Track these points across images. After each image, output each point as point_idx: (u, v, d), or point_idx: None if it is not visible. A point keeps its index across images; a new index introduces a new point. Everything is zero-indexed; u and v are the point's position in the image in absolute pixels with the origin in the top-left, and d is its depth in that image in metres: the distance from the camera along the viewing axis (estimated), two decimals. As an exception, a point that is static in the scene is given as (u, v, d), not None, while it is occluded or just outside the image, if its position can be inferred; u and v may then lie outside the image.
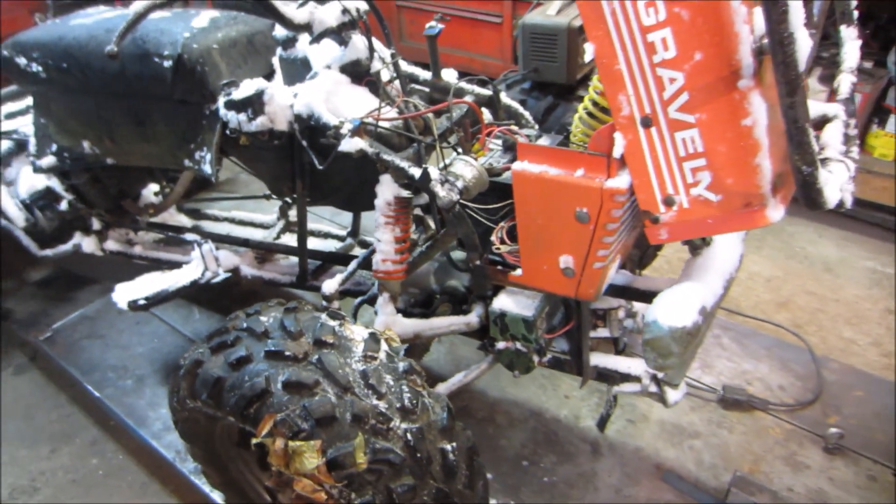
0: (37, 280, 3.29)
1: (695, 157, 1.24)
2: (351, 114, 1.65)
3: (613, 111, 1.27)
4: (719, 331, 2.68)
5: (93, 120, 2.18)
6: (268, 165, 2.02)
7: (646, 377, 1.78)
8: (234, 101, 1.77)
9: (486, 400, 2.42)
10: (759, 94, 1.15)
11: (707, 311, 1.43)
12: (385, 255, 1.73)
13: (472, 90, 1.93)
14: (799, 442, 2.22)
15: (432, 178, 1.52)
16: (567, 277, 1.51)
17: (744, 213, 1.27)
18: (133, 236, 2.79)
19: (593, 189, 1.34)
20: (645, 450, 2.21)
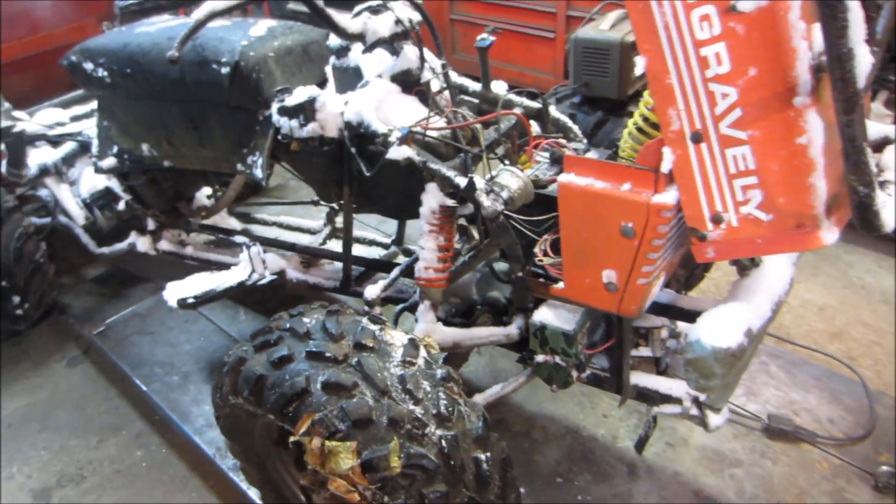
0: (93, 277, 3.41)
1: (746, 174, 1.22)
2: (400, 122, 1.67)
3: (663, 126, 1.26)
4: (767, 358, 2.60)
5: (152, 124, 2.27)
6: (317, 171, 2.06)
7: (687, 399, 1.74)
8: (287, 107, 1.81)
9: (522, 414, 2.40)
10: (816, 112, 1.13)
11: (753, 333, 1.39)
12: (428, 263, 1.74)
13: (521, 102, 1.94)
14: (847, 478, 2.13)
15: (478, 188, 1.53)
16: (609, 292, 1.49)
17: (795, 234, 1.24)
18: (185, 237, 2.87)
19: (639, 204, 1.32)
20: (684, 475, 2.16)
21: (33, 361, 2.91)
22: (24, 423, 2.59)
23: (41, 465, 2.41)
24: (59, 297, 3.18)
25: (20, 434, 2.55)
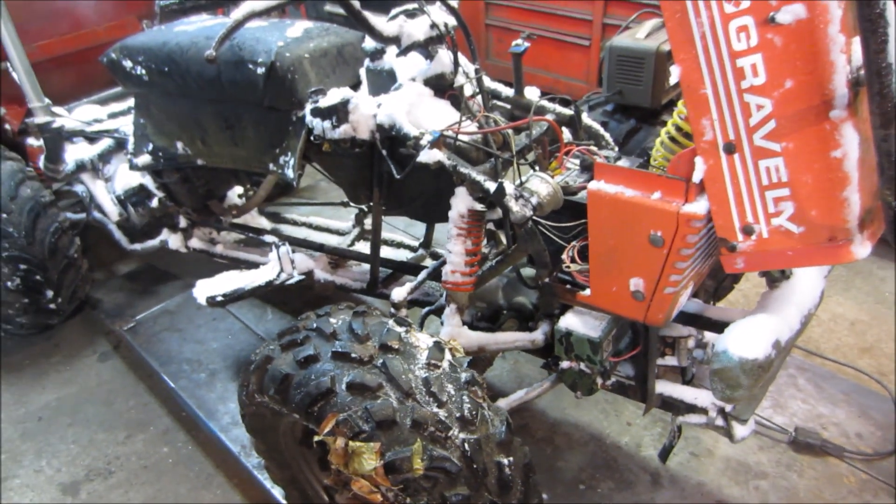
0: (124, 273, 3.48)
1: (778, 186, 1.21)
2: (432, 126, 1.69)
3: (696, 135, 1.26)
4: (795, 371, 2.56)
5: (187, 122, 2.31)
6: (347, 173, 2.09)
7: (713, 409, 1.73)
8: (321, 108, 1.84)
9: (546, 420, 2.40)
10: (852, 125, 1.12)
11: (781, 345, 1.38)
12: (455, 267, 1.76)
13: (554, 109, 1.95)
14: (874, 493, 2.10)
15: (507, 193, 1.54)
16: (636, 301, 1.49)
17: (827, 248, 1.23)
18: (216, 236, 2.92)
19: (669, 213, 1.32)
20: (707, 485, 2.14)
21: (64, 356, 2.97)
22: (55, 417, 2.65)
23: (70, 458, 2.47)
24: (92, 293, 3.24)
25: (51, 427, 2.61)
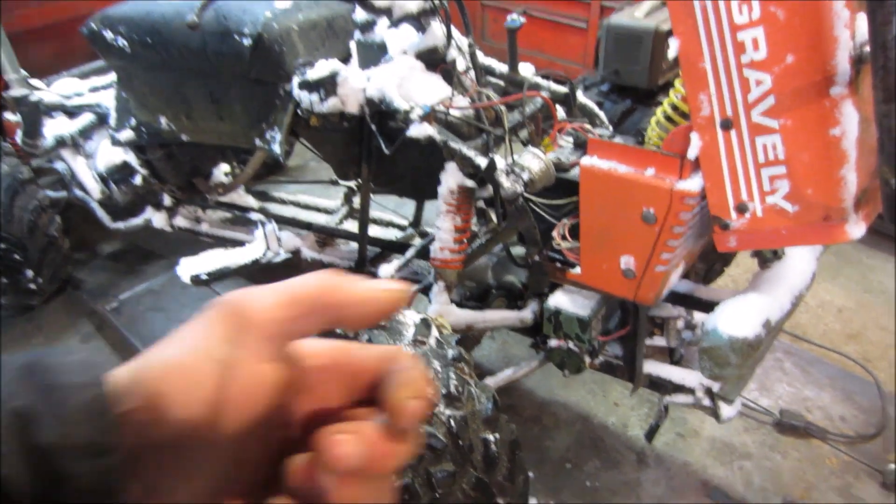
0: (107, 253, 3.42)
1: (774, 163, 1.20)
2: (423, 100, 1.66)
3: (693, 111, 1.25)
4: (782, 355, 2.58)
5: (171, 96, 2.26)
6: (335, 148, 2.05)
7: (700, 390, 1.73)
8: (308, 81, 1.80)
9: (534, 400, 2.40)
10: (852, 104, 1.11)
11: (771, 325, 1.38)
12: (444, 244, 1.74)
13: (548, 86, 1.92)
14: (855, 475, 2.12)
15: (498, 168, 1.51)
16: (627, 279, 1.48)
17: (821, 227, 1.22)
18: (201, 214, 2.87)
19: (663, 189, 1.31)
20: (693, 465, 2.15)
21: (46, 337, 2.91)
22: (38, 399, 2.60)
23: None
24: (74, 273, 3.18)
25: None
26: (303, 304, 0.40)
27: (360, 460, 0.39)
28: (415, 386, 0.41)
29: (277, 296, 0.40)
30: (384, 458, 0.40)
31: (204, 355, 0.38)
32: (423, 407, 0.41)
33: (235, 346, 0.38)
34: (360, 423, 0.41)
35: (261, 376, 0.39)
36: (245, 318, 0.39)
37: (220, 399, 0.37)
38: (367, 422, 0.42)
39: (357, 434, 0.39)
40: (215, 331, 0.39)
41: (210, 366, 0.37)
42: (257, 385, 0.38)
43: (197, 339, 0.39)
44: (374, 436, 0.40)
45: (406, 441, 0.41)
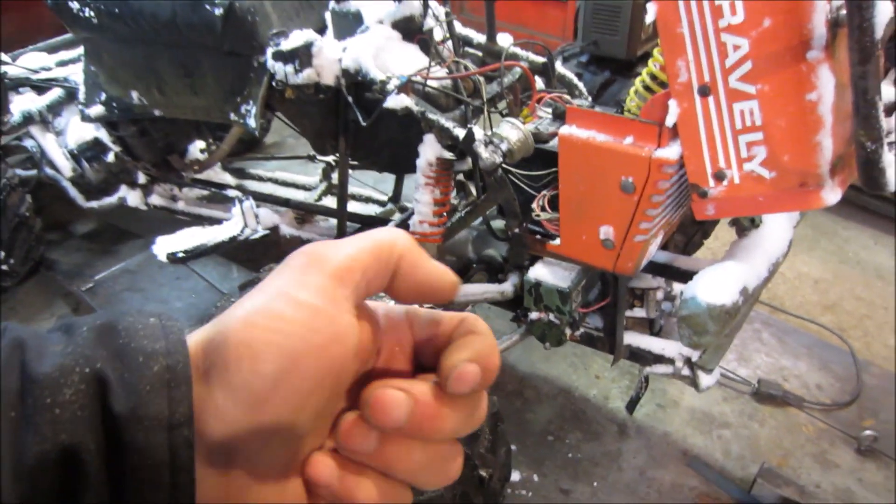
0: (81, 233, 3.37)
1: (752, 130, 1.20)
2: (399, 71, 1.63)
3: (670, 77, 1.23)
4: (760, 325, 2.61)
5: (142, 69, 2.20)
6: (312, 121, 2.02)
7: (679, 360, 1.75)
8: (282, 51, 1.76)
9: (515, 374, 2.41)
10: (829, 68, 1.10)
11: (749, 292, 1.39)
12: (423, 217, 1.72)
13: (527, 56, 1.90)
14: (831, 441, 2.16)
15: (476, 139, 1.50)
16: (606, 249, 1.48)
17: (798, 193, 1.22)
18: (177, 192, 2.82)
19: (641, 158, 1.30)
20: (673, 435, 2.18)
21: (21, 319, 2.86)
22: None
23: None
24: (47, 253, 3.13)
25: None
26: (381, 259, 0.39)
27: (405, 417, 0.37)
28: (474, 350, 0.39)
29: (359, 247, 0.38)
30: (433, 419, 0.38)
31: (290, 301, 0.36)
32: (478, 374, 0.38)
33: (321, 294, 0.36)
34: (411, 382, 0.39)
35: (344, 327, 0.37)
36: (328, 267, 0.37)
37: (306, 349, 0.35)
38: (418, 381, 0.40)
39: (405, 391, 0.38)
40: (299, 278, 0.37)
41: (297, 312, 0.36)
42: (340, 336, 0.37)
43: (281, 286, 0.37)
44: (424, 396, 0.38)
45: (461, 408, 0.39)
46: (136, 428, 0.32)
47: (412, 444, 0.39)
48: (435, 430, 0.38)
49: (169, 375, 0.33)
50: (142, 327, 0.35)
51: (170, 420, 0.32)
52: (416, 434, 0.38)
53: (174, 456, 0.32)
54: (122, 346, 0.33)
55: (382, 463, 0.39)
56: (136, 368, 0.33)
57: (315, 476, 0.38)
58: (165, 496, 0.32)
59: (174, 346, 0.34)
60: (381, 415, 0.37)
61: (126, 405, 0.32)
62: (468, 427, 0.40)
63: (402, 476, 0.40)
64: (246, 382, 0.35)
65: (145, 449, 0.32)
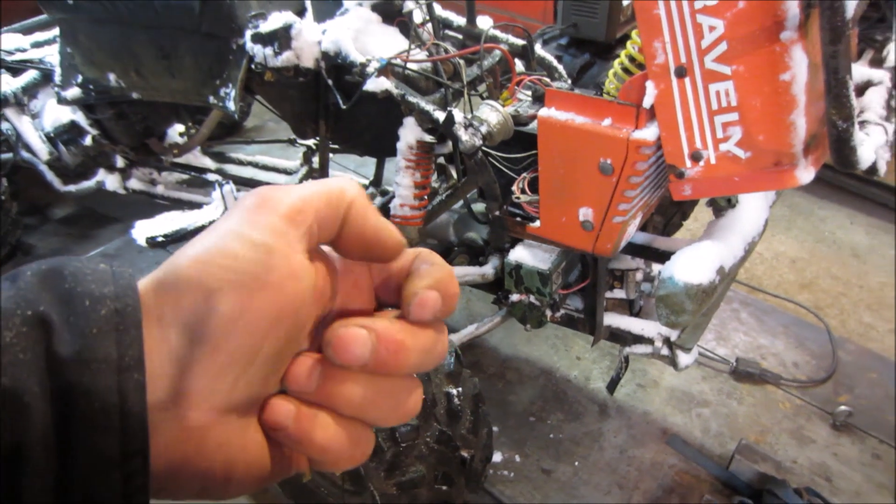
0: (59, 217, 3.33)
1: (727, 110, 1.21)
2: (379, 53, 1.62)
3: (647, 59, 1.24)
4: (738, 305, 2.65)
5: (119, 51, 2.17)
6: (292, 104, 2.00)
7: (658, 339, 1.77)
8: (261, 33, 1.75)
9: (497, 356, 2.43)
10: (802, 48, 1.11)
11: (725, 271, 1.40)
12: (403, 200, 1.72)
13: (507, 39, 1.89)
14: (807, 417, 2.21)
15: (456, 122, 1.50)
16: (585, 231, 1.49)
17: (772, 173, 1.23)
18: (156, 176, 2.79)
19: (619, 139, 1.31)
20: (653, 414, 2.21)
21: None
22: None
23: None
24: (24, 238, 3.09)
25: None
26: (332, 204, 0.39)
27: (369, 353, 0.37)
28: (433, 278, 0.40)
29: (311, 191, 0.38)
30: (396, 353, 0.38)
31: (243, 240, 0.36)
32: (439, 299, 0.39)
33: (274, 233, 0.36)
34: (372, 319, 0.39)
35: (298, 266, 0.37)
36: (280, 207, 0.37)
37: (260, 286, 0.35)
38: (379, 318, 0.40)
39: (366, 328, 0.38)
40: (251, 218, 0.37)
41: (249, 250, 0.35)
42: (295, 274, 0.37)
43: (233, 225, 0.36)
44: (386, 330, 0.38)
45: (423, 340, 0.39)
46: (83, 371, 0.31)
47: (370, 381, 0.39)
48: (399, 363, 0.38)
49: (118, 319, 0.32)
50: (90, 272, 0.34)
51: (119, 363, 0.31)
52: (381, 369, 0.38)
53: (124, 399, 0.31)
54: (68, 290, 0.32)
55: (339, 402, 0.38)
56: (82, 312, 0.32)
57: (270, 419, 0.38)
58: (116, 441, 0.31)
59: (123, 290, 0.33)
60: (344, 353, 0.37)
61: (71, 348, 0.31)
62: (431, 360, 0.40)
63: (359, 414, 0.39)
64: (201, 320, 0.34)
65: (93, 392, 0.31)
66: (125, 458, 0.32)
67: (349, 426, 0.39)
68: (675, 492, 1.97)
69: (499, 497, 1.95)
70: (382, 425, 0.41)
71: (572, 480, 2.00)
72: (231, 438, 0.36)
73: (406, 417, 0.41)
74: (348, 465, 0.40)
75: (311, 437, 0.38)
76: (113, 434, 0.31)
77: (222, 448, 0.36)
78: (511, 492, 1.97)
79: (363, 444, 0.40)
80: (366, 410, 0.39)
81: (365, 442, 0.40)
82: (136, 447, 0.32)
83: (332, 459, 0.39)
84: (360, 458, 0.40)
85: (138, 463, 0.32)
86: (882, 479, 2.02)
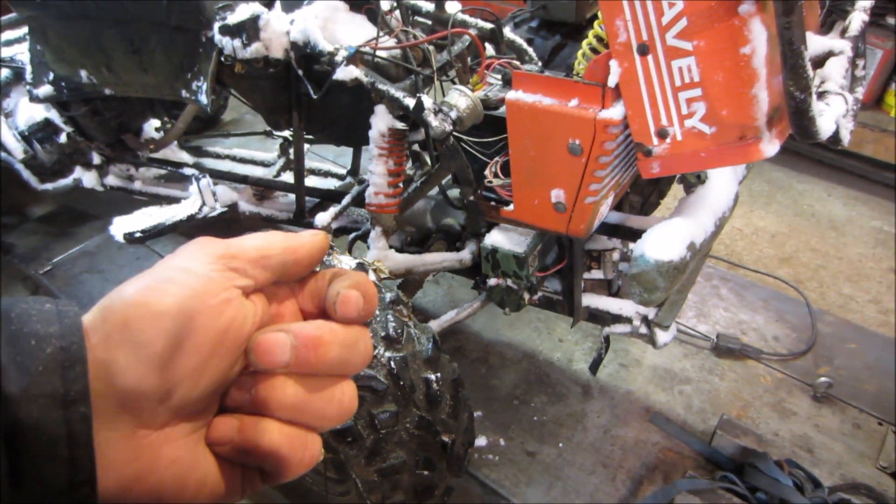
0: (37, 215, 3.30)
1: (690, 86, 1.21)
2: (348, 42, 1.62)
3: (610, 38, 1.24)
4: (718, 281, 2.67)
5: (90, 47, 2.15)
6: (263, 96, 1.99)
7: (637, 318, 1.78)
8: (229, 25, 1.73)
9: (480, 341, 2.44)
10: (760, 21, 1.12)
11: (696, 247, 1.41)
12: (378, 189, 1.72)
13: (476, 23, 1.89)
14: (788, 390, 2.23)
15: (426, 108, 1.49)
16: (558, 212, 1.49)
17: (738, 147, 1.24)
18: (134, 172, 2.78)
19: (586, 119, 1.31)
20: (635, 393, 2.23)
21: (-20, 303, 2.82)
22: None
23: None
24: (3, 237, 3.07)
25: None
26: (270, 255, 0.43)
27: (290, 353, 0.39)
28: (352, 280, 0.43)
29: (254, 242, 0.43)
30: (317, 347, 0.40)
31: (186, 271, 0.39)
32: (360, 298, 0.42)
33: (213, 266, 0.40)
34: (289, 323, 0.42)
35: (237, 295, 0.40)
36: (217, 249, 0.41)
37: (202, 308, 0.38)
38: (298, 322, 0.43)
39: (283, 330, 0.40)
40: (190, 255, 0.40)
41: (189, 278, 0.38)
42: (233, 301, 0.40)
43: (175, 262, 0.40)
44: (303, 329, 0.41)
45: (343, 336, 0.42)
46: (30, 406, 0.32)
47: (299, 382, 0.41)
48: (320, 358, 0.40)
49: (63, 356, 0.34)
50: (35, 313, 0.35)
51: (64, 397, 0.33)
52: (305, 367, 0.40)
53: (71, 431, 0.33)
54: (14, 332, 0.34)
55: (275, 407, 0.40)
56: (28, 351, 0.33)
57: (216, 436, 0.40)
58: (64, 471, 0.33)
59: (68, 329, 0.35)
60: (265, 356, 0.39)
61: (18, 385, 0.32)
62: (356, 356, 0.42)
63: (297, 416, 0.41)
64: (148, 340, 0.36)
65: (41, 425, 0.32)
66: (73, 488, 0.33)
67: (292, 430, 0.41)
68: (659, 469, 1.99)
69: (484, 481, 1.96)
70: (324, 425, 0.43)
71: (557, 462, 2.02)
72: (182, 456, 0.38)
73: (344, 414, 0.43)
74: (299, 469, 0.42)
75: (258, 444, 0.40)
76: (61, 465, 0.33)
77: (173, 465, 0.38)
78: (496, 475, 1.98)
79: (310, 446, 0.42)
80: (302, 411, 0.41)
81: (311, 444, 0.42)
82: (84, 477, 0.33)
83: (282, 465, 0.41)
84: (309, 460, 0.42)
85: (86, 491, 0.33)
86: (863, 448, 2.05)
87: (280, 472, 0.42)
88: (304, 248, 0.44)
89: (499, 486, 1.94)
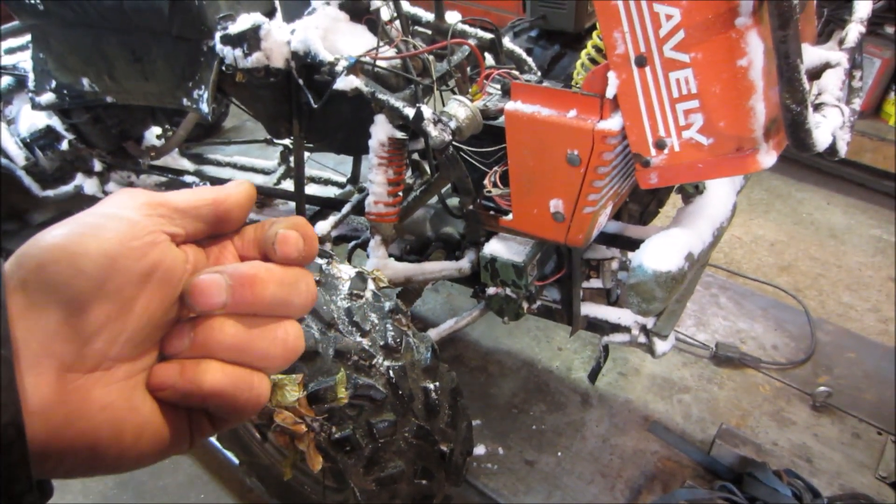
0: (39, 222, 3.29)
1: (688, 98, 1.22)
2: (348, 52, 1.63)
3: (608, 49, 1.25)
4: (717, 290, 2.67)
5: (91, 56, 2.16)
6: (264, 105, 2.00)
7: (635, 327, 1.79)
8: (230, 35, 1.74)
9: (479, 350, 2.44)
10: (757, 33, 1.12)
11: (694, 257, 1.42)
12: (377, 198, 1.73)
13: (475, 33, 1.90)
14: (787, 399, 2.23)
15: (425, 118, 1.50)
16: (557, 222, 1.50)
17: (735, 158, 1.25)
18: (135, 179, 2.79)
19: (585, 130, 1.32)
20: (634, 402, 2.23)
21: (-19, 309, 2.82)
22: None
23: None
24: (4, 243, 3.07)
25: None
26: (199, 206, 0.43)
27: (226, 293, 0.39)
28: (290, 222, 0.43)
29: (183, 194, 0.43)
30: (252, 285, 0.40)
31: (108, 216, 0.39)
32: (299, 237, 0.42)
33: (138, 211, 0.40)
34: (223, 265, 0.42)
35: (163, 239, 0.40)
36: (140, 197, 0.41)
37: (125, 252, 0.37)
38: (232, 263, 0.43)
39: (218, 271, 0.40)
40: (113, 201, 0.41)
41: (111, 222, 0.38)
42: (159, 244, 0.39)
43: (100, 208, 0.40)
44: (237, 268, 0.40)
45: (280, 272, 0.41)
46: None
47: (238, 321, 0.41)
48: (256, 295, 0.40)
49: None
50: None
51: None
52: (242, 306, 0.40)
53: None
54: None
55: (216, 349, 0.40)
56: None
57: (156, 382, 0.40)
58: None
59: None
60: (201, 297, 0.39)
61: None
62: (296, 295, 0.42)
63: (240, 357, 0.41)
64: (67, 282, 0.35)
65: None
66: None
67: (236, 369, 0.41)
68: (658, 478, 1.99)
69: (482, 489, 1.96)
70: (268, 365, 0.42)
71: (555, 471, 2.02)
72: (115, 400, 0.38)
73: (289, 354, 0.43)
74: (246, 409, 0.41)
75: (200, 385, 0.39)
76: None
77: (106, 409, 0.37)
78: (495, 484, 1.98)
79: (256, 385, 0.42)
80: (243, 350, 0.41)
81: (258, 384, 0.42)
82: (8, 419, 0.32)
83: (228, 405, 0.40)
84: (256, 400, 0.42)
85: (12, 433, 0.32)
86: (862, 457, 2.05)
87: (227, 414, 0.41)
88: (232, 197, 0.44)
89: (497, 495, 1.94)
